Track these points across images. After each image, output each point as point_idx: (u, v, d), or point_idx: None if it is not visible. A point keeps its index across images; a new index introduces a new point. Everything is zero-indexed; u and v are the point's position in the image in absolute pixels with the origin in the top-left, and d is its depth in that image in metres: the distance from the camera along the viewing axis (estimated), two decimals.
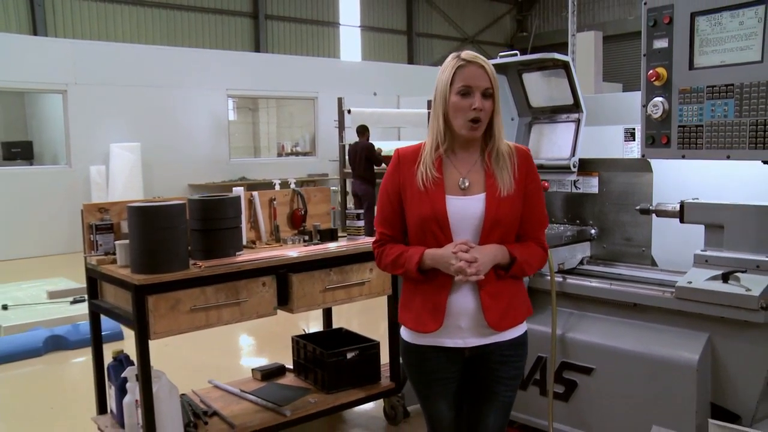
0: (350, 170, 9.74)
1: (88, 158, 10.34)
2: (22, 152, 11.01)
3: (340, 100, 10.40)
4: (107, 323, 4.44)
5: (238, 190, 3.43)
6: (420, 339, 2.02)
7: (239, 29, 15.87)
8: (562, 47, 18.18)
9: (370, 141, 9.59)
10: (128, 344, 3.75)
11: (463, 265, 1.87)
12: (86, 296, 6.19)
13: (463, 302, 1.97)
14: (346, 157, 10.06)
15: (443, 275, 1.95)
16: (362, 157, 9.37)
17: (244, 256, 3.10)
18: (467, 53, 1.96)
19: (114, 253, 3.07)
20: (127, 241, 2.89)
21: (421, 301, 2.01)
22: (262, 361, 4.32)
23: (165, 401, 2.88)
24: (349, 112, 10.27)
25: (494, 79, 1.93)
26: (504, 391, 2.07)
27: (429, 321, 1.98)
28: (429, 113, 8.99)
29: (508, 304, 2.01)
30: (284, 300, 3.11)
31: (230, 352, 5.32)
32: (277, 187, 3.91)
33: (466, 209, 1.96)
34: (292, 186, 3.99)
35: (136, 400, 2.95)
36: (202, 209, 3.02)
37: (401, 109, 12.93)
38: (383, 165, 9.51)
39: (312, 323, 5.50)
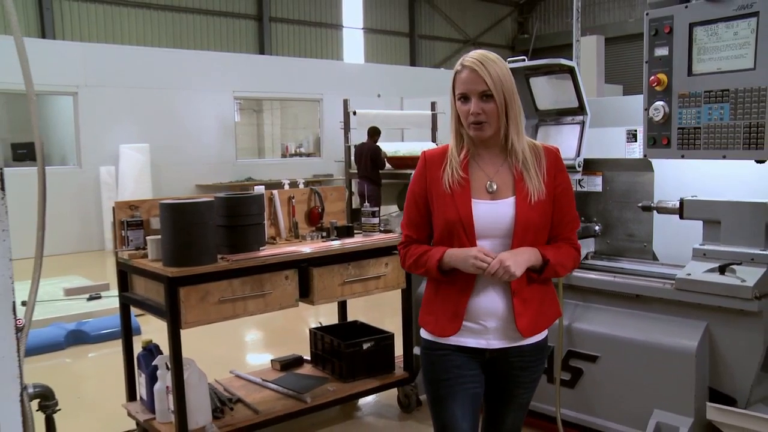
0: (356, 170, 9.93)
1: (98, 159, 10.51)
2: (30, 153, 11.19)
3: (345, 102, 10.56)
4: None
5: (260, 189, 3.61)
6: (441, 339, 2.00)
7: (244, 31, 16.03)
8: (564, 49, 18.34)
9: (379, 143, 9.80)
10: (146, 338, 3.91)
11: (485, 264, 1.84)
12: (101, 293, 6.44)
13: (491, 304, 1.94)
14: (352, 157, 10.24)
15: (464, 279, 1.93)
16: (368, 158, 9.58)
17: (267, 251, 3.28)
18: (469, 57, 1.91)
19: (143, 248, 3.25)
20: (158, 237, 3.07)
21: (442, 305, 1.98)
22: (270, 355, 4.46)
23: (195, 387, 3.05)
24: (354, 113, 10.45)
25: (493, 79, 1.87)
26: (522, 394, 2.06)
27: (447, 326, 1.96)
28: (433, 114, 9.25)
29: (537, 309, 1.98)
30: (305, 292, 3.28)
31: (243, 345, 5.50)
32: (287, 187, 4.06)
33: (493, 214, 1.92)
34: (301, 186, 4.14)
35: (167, 387, 3.13)
36: (228, 206, 3.19)
37: (404, 110, 13.11)
38: (388, 166, 9.71)
39: (321, 319, 5.67)
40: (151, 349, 3.34)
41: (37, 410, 1.36)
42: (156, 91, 11.19)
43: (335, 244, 3.48)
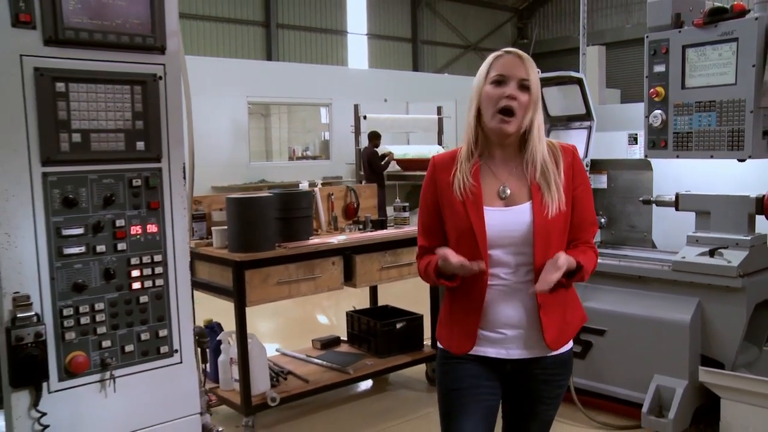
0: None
1: None
2: None
3: (356, 107, 11.04)
4: None
5: (304, 186, 4.08)
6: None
7: (252, 37, 16.50)
8: (562, 54, 18.86)
9: (384, 146, 10.31)
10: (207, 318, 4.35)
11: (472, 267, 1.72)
12: None
13: (512, 313, 1.83)
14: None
15: (477, 290, 1.82)
16: (366, 162, 10.13)
17: (315, 240, 3.74)
18: (512, 48, 1.83)
19: (207, 238, 3.71)
20: (224, 227, 3.53)
21: (456, 320, 1.88)
22: (287, 343, 4.89)
23: (256, 358, 3.51)
24: (365, 117, 10.95)
25: (533, 73, 1.78)
26: (546, 410, 1.93)
27: (462, 343, 1.86)
28: (440, 119, 9.69)
29: (562, 317, 1.85)
30: (349, 277, 3.74)
31: (270, 333, 5.96)
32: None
33: (507, 222, 1.80)
34: (319, 186, 4.58)
35: (231, 359, 3.59)
36: (283, 201, 3.65)
37: (410, 114, 13.60)
38: (397, 168, 10.23)
39: (335, 309, 6.12)
40: (213, 327, 3.81)
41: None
42: None
43: (372, 234, 3.95)
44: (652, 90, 3.23)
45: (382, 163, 10.21)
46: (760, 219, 3.21)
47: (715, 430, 3.17)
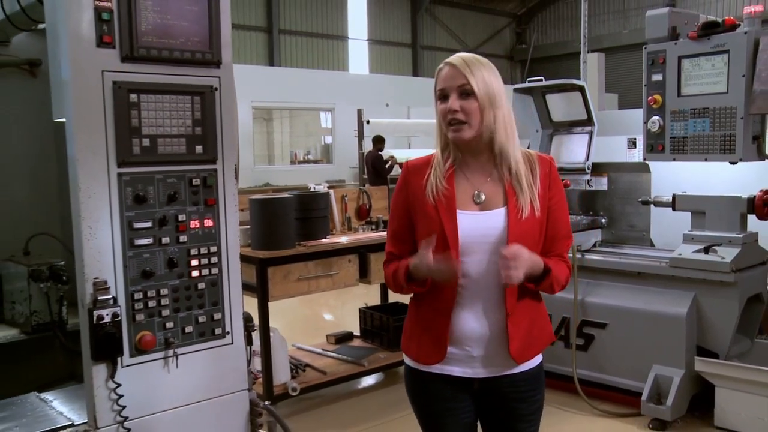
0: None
1: None
2: None
3: (359, 112, 11.23)
4: None
5: (320, 188, 4.29)
6: (425, 366, 1.83)
7: (254, 43, 16.71)
8: (560, 59, 19.10)
9: (386, 150, 10.54)
10: None
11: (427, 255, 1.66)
12: None
13: (478, 328, 1.76)
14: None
15: (445, 300, 1.76)
16: (370, 166, 10.37)
17: (332, 239, 3.95)
18: (453, 56, 1.77)
19: None
20: (246, 227, 3.73)
21: (423, 330, 1.82)
22: (297, 340, 5.06)
23: (278, 350, 3.72)
24: (368, 122, 11.16)
25: (476, 78, 1.70)
26: (526, 428, 1.87)
27: (432, 352, 1.79)
28: None
29: (528, 330, 1.80)
30: (364, 274, 3.95)
31: (280, 329, 6.15)
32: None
33: (481, 226, 1.75)
34: (326, 189, 4.78)
35: (253, 350, 3.78)
36: (303, 202, 3.86)
37: (411, 119, 13.82)
38: (393, 173, 10.47)
39: (342, 308, 6.32)
40: None
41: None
42: None
43: (384, 234, 4.15)
44: (650, 98, 3.46)
45: (386, 167, 10.46)
46: (751, 218, 3.43)
47: (710, 416, 3.39)
